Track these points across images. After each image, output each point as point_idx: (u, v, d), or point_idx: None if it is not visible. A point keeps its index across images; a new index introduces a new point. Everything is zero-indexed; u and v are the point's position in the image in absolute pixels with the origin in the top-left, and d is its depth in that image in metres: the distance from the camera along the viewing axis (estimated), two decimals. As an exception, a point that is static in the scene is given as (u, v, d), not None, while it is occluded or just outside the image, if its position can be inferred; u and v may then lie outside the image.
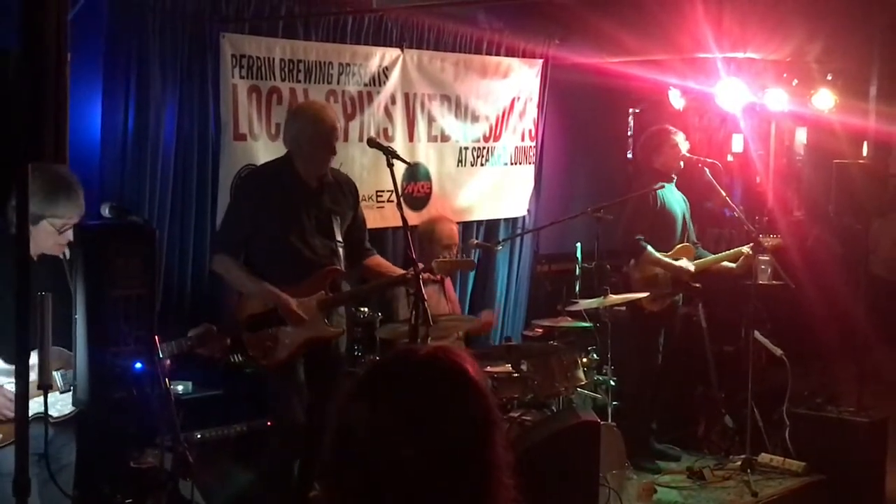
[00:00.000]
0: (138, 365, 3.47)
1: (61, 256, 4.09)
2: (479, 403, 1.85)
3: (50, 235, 3.99)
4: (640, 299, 6.61)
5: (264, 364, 5.07)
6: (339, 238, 5.19)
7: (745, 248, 6.85)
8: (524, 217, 7.88)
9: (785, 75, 7.82)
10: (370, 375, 1.88)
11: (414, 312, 4.71)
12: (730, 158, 8.73)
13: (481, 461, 1.84)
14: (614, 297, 6.32)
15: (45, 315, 3.30)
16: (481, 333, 6.72)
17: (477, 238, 7.37)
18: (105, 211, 3.97)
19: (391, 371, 1.88)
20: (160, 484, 3.63)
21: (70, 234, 4.01)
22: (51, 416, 3.92)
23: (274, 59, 6.03)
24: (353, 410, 1.82)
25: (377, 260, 5.48)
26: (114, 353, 3.42)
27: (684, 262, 6.78)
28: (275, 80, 6.05)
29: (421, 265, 4.94)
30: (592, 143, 8.63)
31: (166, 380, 3.67)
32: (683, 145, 6.88)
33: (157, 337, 3.63)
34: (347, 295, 5.34)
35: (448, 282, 6.69)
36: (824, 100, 7.77)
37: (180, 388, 5.43)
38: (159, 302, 5.28)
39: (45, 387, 3.42)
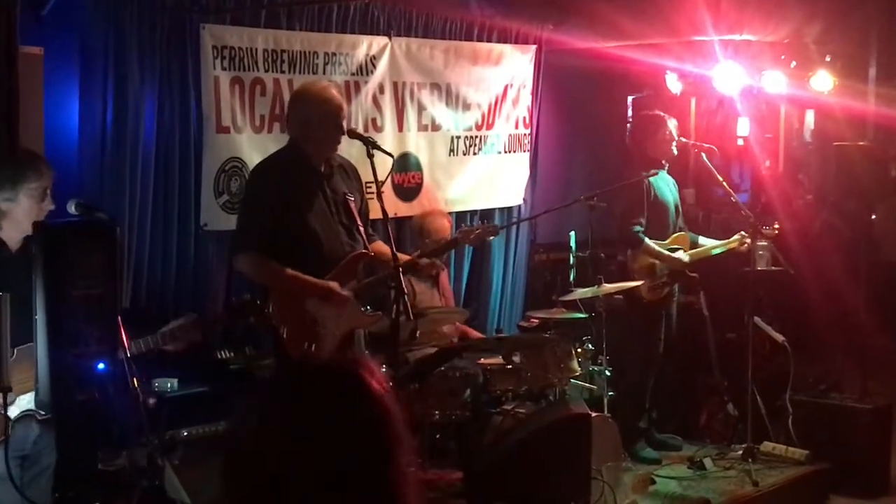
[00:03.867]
0: (101, 366, 3.38)
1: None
2: (377, 419, 1.73)
3: (33, 206, 4.10)
4: (637, 288, 6.52)
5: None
6: (360, 221, 5.04)
7: (739, 236, 6.74)
8: (520, 206, 7.78)
9: (783, 57, 7.68)
10: (262, 388, 1.79)
11: (395, 307, 4.59)
12: (740, 143, 8.60)
13: (380, 483, 1.72)
14: (608, 287, 6.23)
15: (3, 316, 3.21)
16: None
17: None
18: (71, 208, 3.90)
19: (282, 383, 1.77)
20: (130, 486, 3.55)
21: (50, 200, 4.15)
22: (39, 413, 3.87)
23: (257, 49, 5.93)
24: (244, 424, 1.72)
25: (380, 245, 5.31)
26: (75, 355, 3.33)
27: (680, 254, 6.67)
28: (258, 71, 5.95)
29: (412, 254, 4.81)
30: (589, 129, 8.51)
31: (134, 379, 3.58)
32: (676, 131, 6.78)
33: (125, 335, 3.56)
34: (377, 280, 5.12)
35: (444, 275, 6.59)
36: (823, 81, 7.63)
37: (168, 385, 5.37)
38: (128, 300, 5.22)
39: (5, 389, 3.34)
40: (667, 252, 6.66)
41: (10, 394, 3.60)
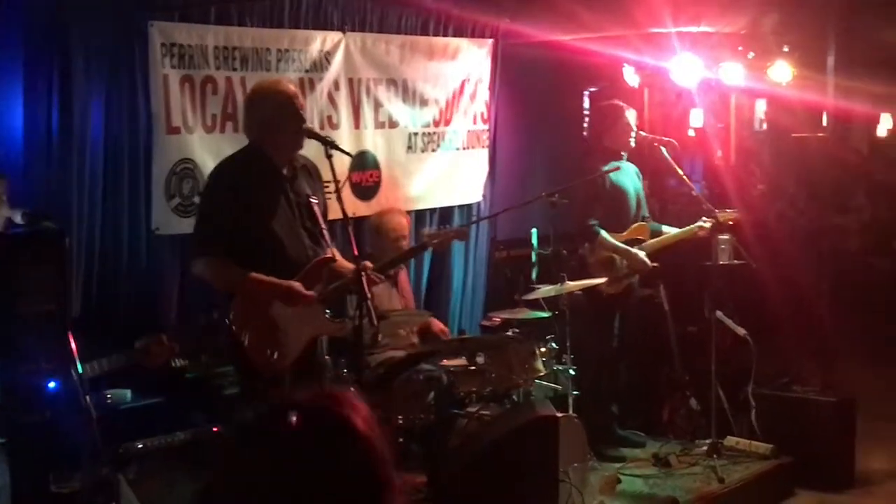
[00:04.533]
0: (52, 384, 3.21)
1: None
2: (364, 465, 1.60)
3: None
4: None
5: (267, 372, 4.71)
6: (323, 225, 4.88)
7: (700, 223, 6.68)
8: (479, 203, 7.67)
9: (740, 48, 7.63)
10: (239, 431, 1.65)
11: (357, 312, 4.45)
12: (691, 133, 8.55)
13: None
14: (572, 284, 6.14)
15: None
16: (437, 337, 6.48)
17: (430, 227, 7.13)
18: (17, 218, 3.73)
19: (259, 428, 1.64)
20: (84, 508, 3.39)
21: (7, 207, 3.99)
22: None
23: (207, 46, 5.76)
24: (221, 473, 1.59)
25: (335, 253, 5.15)
26: (25, 373, 3.16)
27: (639, 252, 6.59)
28: (209, 68, 5.77)
29: (366, 263, 4.67)
30: (548, 122, 8.41)
31: (86, 397, 3.42)
32: (634, 122, 6.70)
33: (75, 351, 3.39)
34: (343, 286, 4.94)
35: (403, 275, 6.47)
36: (781, 72, 7.59)
37: (121, 396, 5.20)
38: (78, 308, 5.03)
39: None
40: (623, 246, 6.58)
41: None
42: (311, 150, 5.16)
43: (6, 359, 3.15)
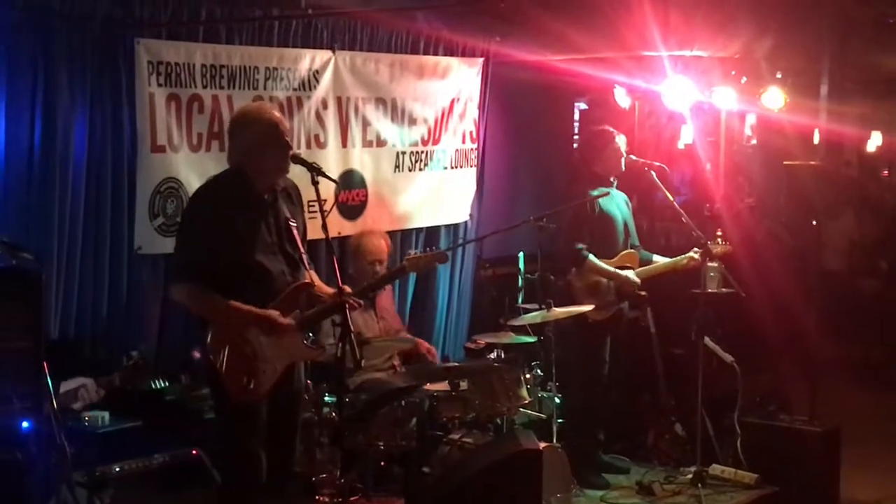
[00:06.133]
0: (25, 424, 3.13)
1: None
2: None
3: None
4: (583, 306, 6.39)
5: (242, 400, 4.64)
6: (303, 248, 4.80)
7: (691, 254, 6.64)
8: (466, 222, 7.62)
9: (733, 73, 7.60)
10: None
11: (340, 345, 4.38)
12: (681, 146, 8.52)
13: None
14: (558, 311, 6.07)
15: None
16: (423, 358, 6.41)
17: (416, 247, 7.06)
18: (-7, 246, 3.64)
19: None
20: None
21: None
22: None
23: (194, 65, 5.69)
24: None
25: (314, 277, 5.08)
26: (-4, 413, 3.09)
27: (629, 273, 6.54)
28: (195, 87, 5.70)
29: (345, 288, 4.60)
30: (537, 142, 8.38)
31: (62, 434, 3.35)
32: (624, 147, 6.65)
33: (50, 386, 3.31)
34: (321, 311, 4.88)
35: (383, 296, 6.40)
36: (774, 98, 7.55)
37: (99, 419, 5.12)
38: (56, 330, 4.96)
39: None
40: (612, 269, 6.52)
41: None
42: (295, 173, 5.08)
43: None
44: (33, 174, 5.11)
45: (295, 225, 4.80)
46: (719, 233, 6.93)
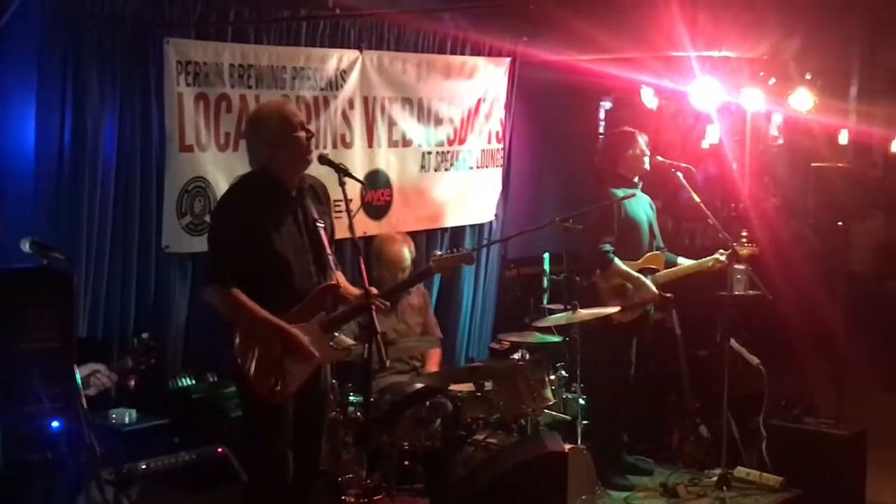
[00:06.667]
0: (55, 424, 3.16)
1: None
2: None
3: None
4: (608, 307, 6.39)
5: (269, 401, 4.64)
6: (329, 250, 4.81)
7: (717, 256, 6.62)
8: (491, 222, 7.61)
9: (761, 74, 7.55)
10: None
11: (367, 347, 4.39)
12: (706, 146, 8.48)
13: None
14: (584, 313, 6.06)
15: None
16: None
17: (442, 248, 7.07)
18: (25, 246, 3.66)
19: None
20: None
21: None
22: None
23: (223, 64, 5.70)
24: None
25: (341, 277, 5.10)
26: (26, 413, 3.11)
27: (647, 281, 6.52)
28: (224, 86, 5.72)
29: (372, 289, 4.61)
30: (562, 143, 8.37)
31: (91, 434, 3.37)
32: (647, 147, 6.64)
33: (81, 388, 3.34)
34: (347, 313, 4.89)
35: (419, 293, 6.42)
36: (802, 100, 7.50)
37: (126, 417, 5.15)
38: (84, 329, 4.98)
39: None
40: (636, 275, 6.51)
41: None
42: (321, 173, 5.10)
43: (9, 398, 3.10)
44: (63, 174, 5.13)
45: (322, 226, 4.81)
46: (744, 233, 6.93)
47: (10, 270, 3.39)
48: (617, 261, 6.44)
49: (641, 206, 6.68)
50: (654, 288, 6.52)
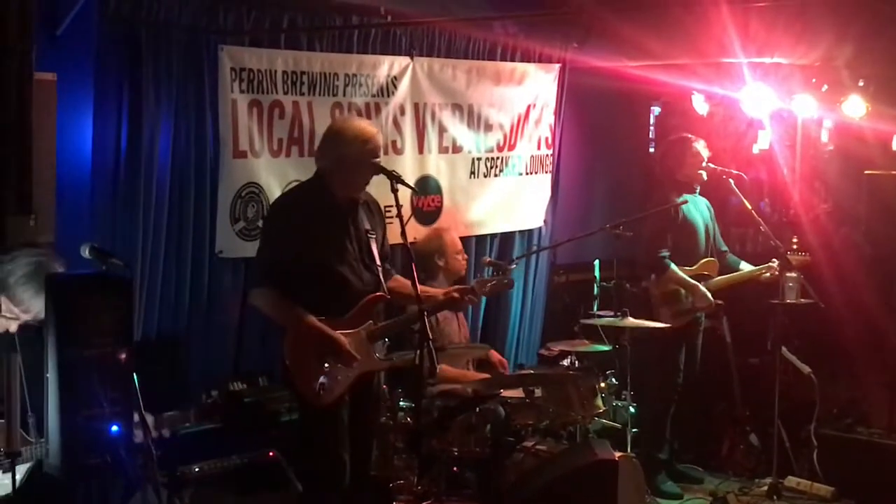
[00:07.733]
0: (115, 428, 3.21)
1: None
2: None
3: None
4: (659, 314, 6.37)
5: (314, 404, 4.71)
6: (379, 261, 4.88)
7: (770, 264, 6.59)
8: (540, 228, 7.61)
9: (814, 80, 7.48)
10: None
11: (418, 352, 4.42)
12: (756, 151, 8.41)
13: None
14: (632, 321, 6.05)
15: (12, 377, 3.05)
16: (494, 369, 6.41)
17: (490, 254, 7.08)
18: (85, 252, 3.72)
19: None
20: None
21: None
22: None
23: (276, 71, 5.76)
24: None
25: (400, 281, 5.14)
26: (87, 417, 3.17)
27: (703, 290, 6.49)
28: (277, 93, 5.77)
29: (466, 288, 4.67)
30: (611, 149, 8.34)
31: (149, 437, 3.42)
32: (705, 152, 6.62)
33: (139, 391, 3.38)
34: (395, 323, 4.99)
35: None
36: (855, 107, 7.42)
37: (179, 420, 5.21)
38: (139, 332, 5.05)
39: (13, 454, 3.17)
40: (691, 281, 6.49)
41: None
42: (374, 179, 5.13)
43: (70, 402, 3.15)
44: (119, 180, 5.20)
45: (374, 236, 4.87)
46: (795, 240, 6.88)
47: (72, 276, 3.44)
48: (673, 266, 6.43)
49: (698, 209, 6.67)
50: (710, 296, 6.49)
